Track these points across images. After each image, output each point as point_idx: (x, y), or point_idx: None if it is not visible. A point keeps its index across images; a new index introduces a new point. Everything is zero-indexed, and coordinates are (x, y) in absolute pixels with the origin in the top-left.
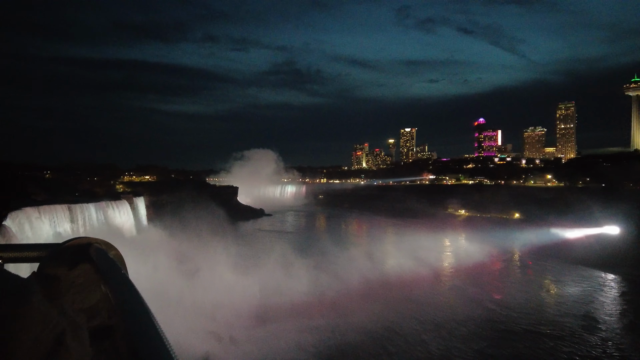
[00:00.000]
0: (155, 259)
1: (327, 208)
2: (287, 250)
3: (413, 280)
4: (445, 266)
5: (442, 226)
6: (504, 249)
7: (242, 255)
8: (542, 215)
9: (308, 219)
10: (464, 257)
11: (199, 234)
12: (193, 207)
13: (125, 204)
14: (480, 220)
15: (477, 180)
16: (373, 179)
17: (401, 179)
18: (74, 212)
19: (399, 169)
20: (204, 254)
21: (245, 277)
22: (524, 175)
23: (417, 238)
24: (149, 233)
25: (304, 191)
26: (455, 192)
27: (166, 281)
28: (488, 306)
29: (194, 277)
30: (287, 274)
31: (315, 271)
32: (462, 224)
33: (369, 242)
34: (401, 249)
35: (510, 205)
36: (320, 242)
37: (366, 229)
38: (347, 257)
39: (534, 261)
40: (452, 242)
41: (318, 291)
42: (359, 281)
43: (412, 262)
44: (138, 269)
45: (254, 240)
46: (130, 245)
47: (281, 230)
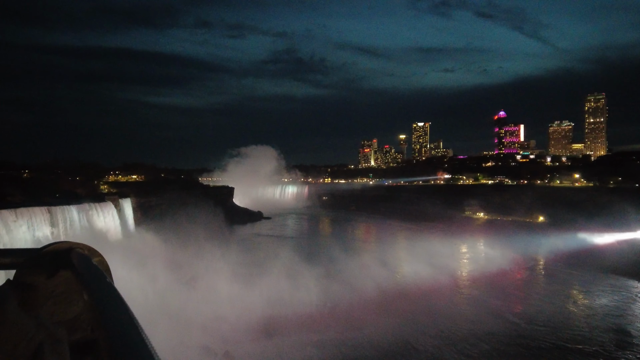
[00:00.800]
0: (143, 266)
1: (331, 211)
2: (290, 257)
3: (428, 290)
4: (463, 275)
5: (459, 230)
6: (527, 255)
7: (240, 263)
8: (570, 219)
9: (311, 223)
10: (483, 264)
11: (192, 239)
12: (185, 210)
13: (110, 206)
14: (500, 223)
15: (497, 179)
16: (382, 178)
17: (413, 179)
18: (55, 215)
19: (411, 168)
20: (197, 261)
21: (245, 286)
22: (549, 175)
23: (431, 244)
24: (137, 238)
25: (306, 192)
26: (473, 193)
27: (156, 290)
28: (510, 319)
29: (187, 286)
30: (290, 283)
31: (317, 279)
32: (480, 228)
33: (378, 249)
34: (414, 256)
35: (534, 207)
36: (325, 248)
37: (375, 234)
38: (353, 266)
39: (561, 269)
40: (470, 248)
41: (323, 301)
42: (369, 291)
43: (427, 271)
44: (124, 277)
45: (253, 247)
46: (115, 251)
47: (282, 235)
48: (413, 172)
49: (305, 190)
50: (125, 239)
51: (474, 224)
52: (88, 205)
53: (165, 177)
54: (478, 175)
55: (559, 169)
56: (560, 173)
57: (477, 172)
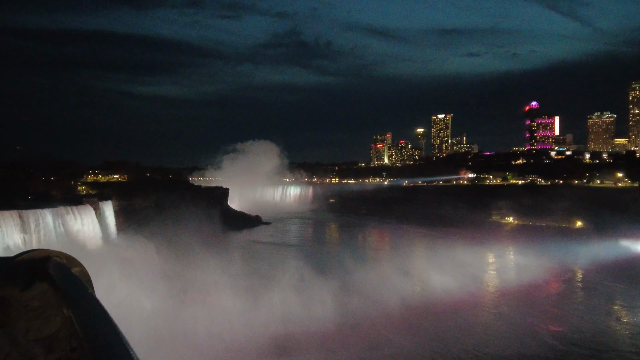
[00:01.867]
0: (127, 278)
1: (339, 215)
2: (297, 267)
3: (452, 306)
4: (491, 288)
5: (485, 237)
6: (563, 266)
7: (238, 274)
8: (612, 224)
9: (316, 229)
10: (513, 276)
11: (182, 247)
12: (173, 214)
13: (89, 209)
14: (532, 229)
15: (528, 179)
16: (397, 178)
17: (433, 178)
18: (26, 219)
19: (430, 166)
20: (189, 272)
21: (247, 301)
22: (587, 173)
23: (454, 252)
24: (119, 245)
25: (310, 194)
26: (501, 194)
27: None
28: (545, 340)
29: (179, 301)
30: (301, 296)
31: (332, 293)
32: (510, 235)
33: (394, 259)
34: (435, 267)
35: (571, 210)
36: (336, 257)
37: (390, 242)
38: (371, 278)
39: (602, 282)
40: (498, 258)
41: (340, 317)
42: (389, 306)
43: (450, 283)
44: (105, 290)
45: (252, 256)
46: (95, 261)
47: (283, 243)
48: (432, 170)
49: (309, 192)
50: (106, 247)
51: (502, 229)
52: (64, 208)
53: (151, 177)
54: (507, 174)
55: (599, 167)
56: (600, 172)
57: (506, 170)
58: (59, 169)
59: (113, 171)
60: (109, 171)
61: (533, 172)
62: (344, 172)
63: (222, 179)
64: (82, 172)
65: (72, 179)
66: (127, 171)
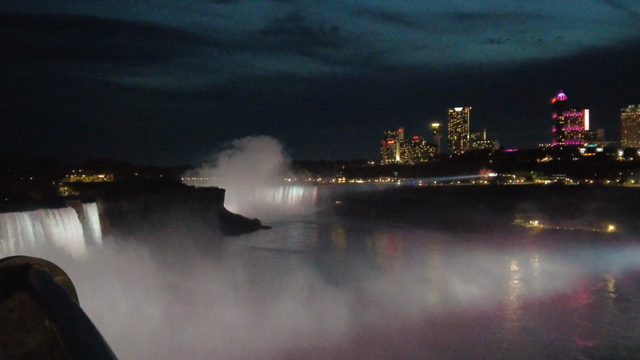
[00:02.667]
0: (112, 288)
1: (347, 218)
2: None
3: (474, 318)
4: (514, 299)
5: (507, 243)
6: (593, 274)
7: (238, 284)
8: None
9: (321, 234)
10: (538, 286)
11: (174, 254)
12: (164, 217)
13: (71, 212)
14: (560, 234)
15: (555, 179)
16: (410, 177)
17: (450, 178)
18: (3, 223)
19: (446, 164)
20: (183, 282)
21: (251, 313)
22: (621, 172)
23: (473, 260)
24: (105, 252)
25: (314, 195)
26: (526, 195)
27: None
28: (576, 357)
29: (175, 314)
30: (312, 308)
31: (346, 304)
32: (535, 240)
33: (409, 267)
34: (454, 276)
35: (603, 213)
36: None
37: (403, 248)
38: (385, 289)
39: (637, 292)
40: (523, 266)
41: (356, 332)
42: (400, 319)
43: (470, 294)
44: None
45: (252, 263)
46: (78, 270)
47: (286, 249)
48: (449, 169)
49: (313, 193)
50: (91, 254)
51: (527, 234)
52: (44, 211)
53: (140, 177)
54: (531, 173)
55: (633, 166)
56: (635, 170)
57: (530, 169)
58: (38, 168)
59: (98, 170)
60: (93, 170)
61: (560, 171)
62: (352, 171)
63: (218, 179)
64: (64, 171)
65: (53, 179)
66: (113, 170)
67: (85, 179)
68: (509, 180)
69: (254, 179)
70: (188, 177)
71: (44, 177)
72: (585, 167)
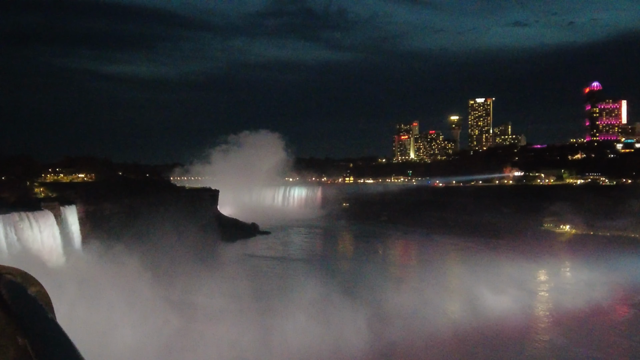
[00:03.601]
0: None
1: (355, 222)
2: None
3: (498, 335)
4: (543, 313)
5: (535, 250)
6: (632, 286)
7: (240, 297)
8: None
9: (327, 240)
10: (569, 298)
11: (162, 262)
12: (151, 222)
13: (48, 216)
14: (594, 240)
15: (589, 178)
16: (426, 177)
17: (471, 177)
18: None
19: (467, 162)
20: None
21: (256, 330)
22: None
23: (497, 269)
24: (86, 261)
25: (319, 196)
26: (556, 196)
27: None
28: None
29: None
30: (317, 323)
31: (364, 318)
32: (566, 247)
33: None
34: (476, 287)
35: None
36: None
37: (419, 256)
38: (397, 301)
39: None
40: (552, 275)
41: (368, 350)
42: (426, 334)
43: (495, 308)
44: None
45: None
46: (56, 280)
47: (287, 257)
48: (470, 167)
49: (317, 194)
50: (70, 263)
51: (557, 240)
52: (17, 215)
53: (124, 176)
54: (562, 172)
55: None
56: None
57: (561, 167)
58: (10, 166)
59: (77, 169)
60: (72, 169)
61: (595, 170)
62: (361, 169)
63: (211, 179)
64: (40, 170)
65: (27, 178)
66: (94, 169)
67: (63, 179)
68: (537, 179)
69: (252, 179)
70: (178, 177)
71: (16, 177)
72: (622, 164)
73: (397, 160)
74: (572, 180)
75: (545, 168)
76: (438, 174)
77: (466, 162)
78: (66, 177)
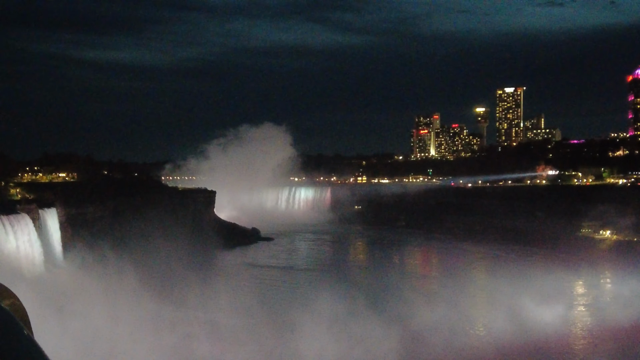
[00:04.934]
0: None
1: (369, 227)
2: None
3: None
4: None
5: (572, 259)
6: None
7: (246, 313)
8: None
9: (337, 248)
10: (611, 313)
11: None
12: (139, 226)
13: (25, 219)
14: (638, 247)
15: (632, 177)
16: (449, 176)
17: (499, 177)
18: None
19: (494, 159)
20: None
21: (271, 353)
22: None
23: (530, 281)
24: (67, 271)
25: (328, 198)
26: (595, 198)
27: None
28: None
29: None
30: (337, 344)
31: (375, 338)
32: (607, 255)
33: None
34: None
35: None
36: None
37: (442, 267)
38: (429, 317)
39: None
40: (591, 287)
41: None
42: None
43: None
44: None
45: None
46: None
47: (293, 267)
48: (498, 165)
49: (326, 196)
50: (50, 273)
51: (596, 247)
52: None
53: (109, 176)
54: (602, 170)
55: None
56: None
57: (601, 165)
58: None
59: (57, 168)
60: (51, 168)
61: (639, 168)
62: (375, 168)
63: (207, 179)
64: (15, 169)
65: (1, 178)
66: (75, 168)
67: (41, 179)
68: (574, 179)
69: (253, 179)
70: (169, 176)
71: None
72: None
73: (415, 158)
74: (614, 179)
75: (583, 166)
76: (462, 173)
77: (494, 160)
78: (45, 177)
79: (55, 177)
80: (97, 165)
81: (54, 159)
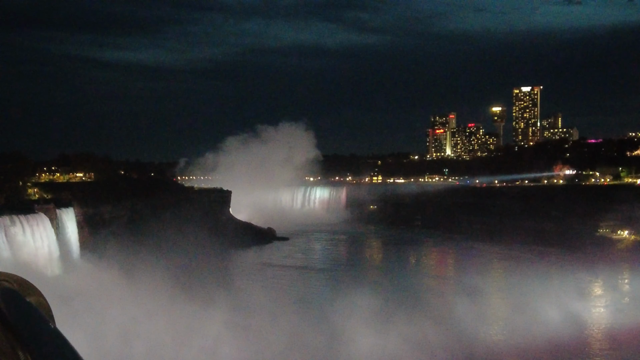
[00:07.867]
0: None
1: (384, 227)
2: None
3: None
4: (597, 333)
5: (589, 259)
6: None
7: (274, 314)
8: None
9: (353, 248)
10: (631, 316)
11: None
12: (155, 226)
13: (42, 219)
14: None
15: None
16: (466, 176)
17: (516, 177)
18: None
19: (511, 159)
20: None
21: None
22: None
23: (547, 282)
24: (85, 270)
25: (343, 198)
26: (613, 198)
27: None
28: None
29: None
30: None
31: (404, 344)
32: (625, 255)
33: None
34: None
35: None
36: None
37: (460, 267)
38: (462, 320)
39: None
40: (609, 288)
41: None
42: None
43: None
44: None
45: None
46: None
47: (310, 267)
48: (515, 165)
49: (341, 196)
50: (67, 274)
51: (614, 248)
52: (9, 218)
53: (126, 176)
54: (620, 170)
55: None
56: None
57: (619, 165)
58: (1, 164)
59: (74, 168)
60: (68, 168)
61: None
62: (390, 167)
63: (222, 178)
64: (33, 169)
65: (19, 178)
66: (92, 168)
67: (59, 179)
68: (592, 179)
69: (268, 179)
70: (184, 176)
71: (7, 176)
72: None
73: (431, 157)
74: (632, 179)
75: (601, 166)
76: (478, 173)
77: (510, 159)
78: (62, 177)
79: (72, 177)
80: (114, 165)
81: (71, 159)
